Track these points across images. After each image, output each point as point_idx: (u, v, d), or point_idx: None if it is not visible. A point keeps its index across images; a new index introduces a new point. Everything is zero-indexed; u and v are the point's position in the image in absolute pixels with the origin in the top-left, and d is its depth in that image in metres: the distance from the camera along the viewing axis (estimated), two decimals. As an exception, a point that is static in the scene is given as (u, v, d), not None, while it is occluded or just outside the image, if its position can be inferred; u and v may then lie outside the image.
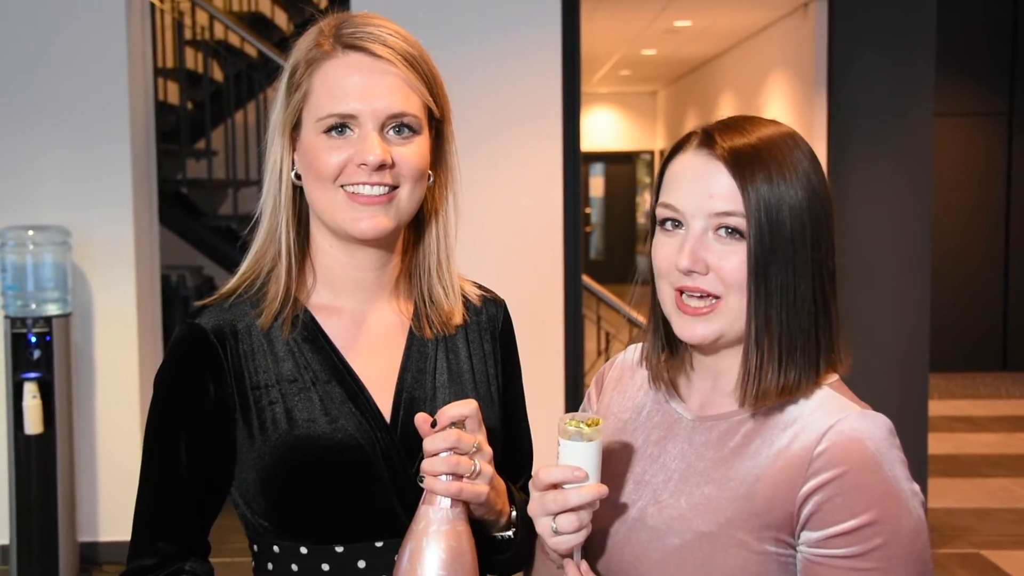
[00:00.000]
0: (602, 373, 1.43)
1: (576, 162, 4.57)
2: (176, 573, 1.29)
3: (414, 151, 1.28)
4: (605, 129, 16.00)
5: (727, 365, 1.23)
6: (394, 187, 1.27)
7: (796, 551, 1.14)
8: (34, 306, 4.24)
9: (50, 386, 4.19)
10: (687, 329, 1.20)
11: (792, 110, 7.94)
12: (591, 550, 1.24)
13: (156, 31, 5.45)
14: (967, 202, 8.96)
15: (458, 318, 1.39)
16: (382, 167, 1.25)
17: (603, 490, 1.15)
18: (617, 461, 1.29)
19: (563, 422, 1.16)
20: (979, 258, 9.05)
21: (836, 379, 1.22)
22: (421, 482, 1.19)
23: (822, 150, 4.97)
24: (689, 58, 11.65)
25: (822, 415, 1.16)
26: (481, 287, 1.46)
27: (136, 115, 4.51)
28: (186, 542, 1.31)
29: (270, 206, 1.33)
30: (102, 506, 4.53)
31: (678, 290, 1.20)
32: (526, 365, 1.49)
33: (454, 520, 1.17)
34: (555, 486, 1.15)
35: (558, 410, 4.54)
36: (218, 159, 6.18)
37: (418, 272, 1.38)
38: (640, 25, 9.45)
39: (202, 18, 6.32)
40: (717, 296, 1.18)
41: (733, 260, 1.17)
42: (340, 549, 1.28)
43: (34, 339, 4.17)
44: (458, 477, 1.17)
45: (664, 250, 1.21)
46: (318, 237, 1.34)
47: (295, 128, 1.31)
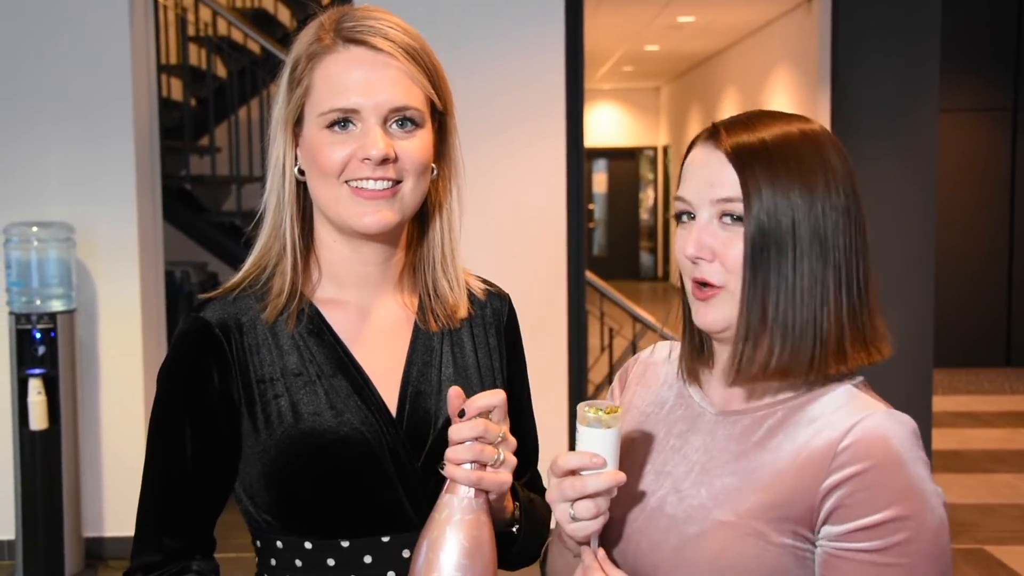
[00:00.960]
0: (626, 369, 1.44)
1: (579, 158, 4.56)
2: (183, 571, 1.29)
3: (417, 145, 1.28)
4: (608, 125, 15.99)
5: None
6: (398, 181, 1.27)
7: (815, 546, 1.15)
8: (38, 302, 4.24)
9: (55, 382, 4.20)
10: (699, 316, 1.22)
11: (795, 106, 7.93)
12: (608, 538, 1.24)
13: (159, 28, 5.44)
14: (971, 198, 8.94)
15: (463, 311, 1.38)
16: (385, 161, 1.25)
17: (621, 477, 1.15)
18: (638, 451, 1.30)
19: (582, 409, 1.17)
20: (983, 254, 9.03)
21: (860, 379, 1.23)
22: (442, 470, 1.18)
23: (826, 146, 4.96)
24: (692, 54, 11.65)
25: (846, 412, 1.16)
26: (486, 282, 1.46)
27: (140, 112, 4.52)
28: (191, 538, 1.31)
29: (273, 202, 1.33)
30: (107, 501, 4.53)
31: (693, 281, 1.22)
32: (530, 361, 1.49)
33: (477, 511, 1.16)
34: (573, 472, 1.16)
35: (562, 406, 4.54)
36: (222, 155, 6.18)
37: (422, 266, 1.38)
38: (643, 21, 9.45)
39: (205, 14, 6.32)
40: (721, 285, 1.20)
41: (736, 246, 1.18)
42: (346, 544, 1.28)
43: (39, 335, 4.18)
44: (481, 466, 1.17)
45: (679, 241, 1.23)
46: (322, 232, 1.33)
47: (297, 124, 1.31)
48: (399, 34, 1.28)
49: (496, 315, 1.43)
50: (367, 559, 1.28)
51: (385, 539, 1.29)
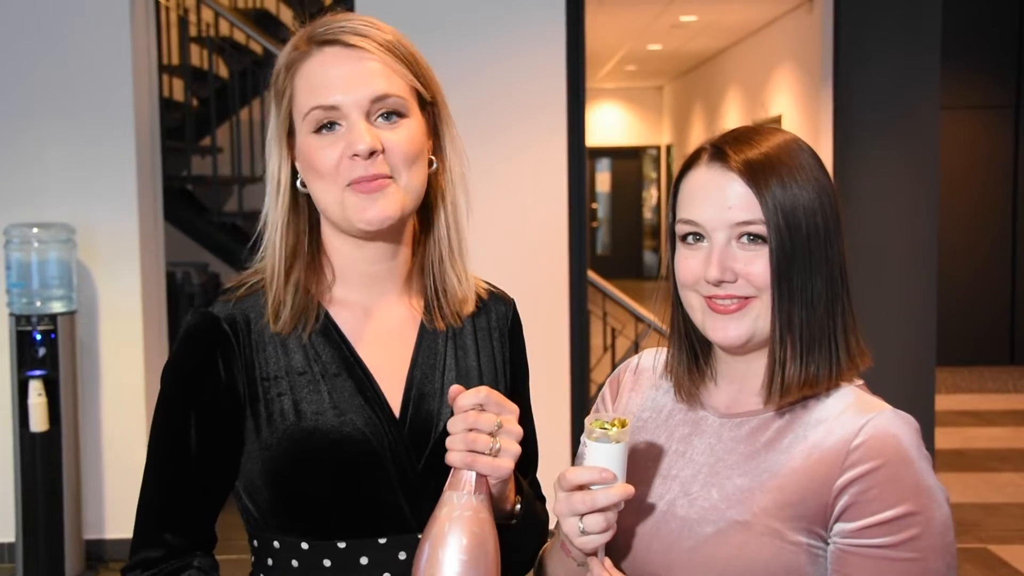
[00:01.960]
0: (617, 376, 1.46)
1: (581, 157, 4.56)
2: (184, 568, 1.29)
3: (404, 136, 1.28)
4: (611, 124, 15.99)
5: (755, 368, 1.27)
6: (390, 176, 1.28)
7: (827, 544, 1.18)
8: (39, 303, 4.24)
9: (55, 384, 4.20)
10: (719, 330, 1.25)
11: (798, 104, 7.92)
12: (614, 544, 1.26)
13: (161, 28, 5.44)
14: (974, 196, 8.94)
15: (471, 306, 1.39)
16: (373, 154, 1.26)
17: (630, 490, 1.17)
18: (641, 457, 1.32)
19: (590, 423, 1.18)
20: (986, 251, 9.03)
21: (861, 382, 1.27)
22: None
23: (828, 144, 4.96)
24: (695, 53, 11.64)
25: (854, 413, 1.20)
26: (490, 285, 1.47)
27: (141, 112, 4.52)
28: (193, 534, 1.31)
29: (271, 216, 1.34)
30: (107, 503, 4.53)
31: (708, 297, 1.25)
32: (532, 361, 1.49)
33: (477, 507, 1.18)
34: (582, 487, 1.17)
35: (564, 406, 4.53)
36: (223, 156, 6.18)
37: (430, 262, 1.38)
38: (645, 20, 9.45)
39: (207, 15, 6.32)
40: (750, 296, 1.23)
41: (759, 264, 1.22)
42: (342, 545, 1.28)
43: (39, 337, 4.18)
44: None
45: (689, 262, 1.26)
46: (330, 237, 1.35)
47: (290, 135, 1.32)
48: (371, 30, 1.29)
49: (500, 319, 1.44)
50: (363, 560, 1.28)
51: (382, 541, 1.28)
